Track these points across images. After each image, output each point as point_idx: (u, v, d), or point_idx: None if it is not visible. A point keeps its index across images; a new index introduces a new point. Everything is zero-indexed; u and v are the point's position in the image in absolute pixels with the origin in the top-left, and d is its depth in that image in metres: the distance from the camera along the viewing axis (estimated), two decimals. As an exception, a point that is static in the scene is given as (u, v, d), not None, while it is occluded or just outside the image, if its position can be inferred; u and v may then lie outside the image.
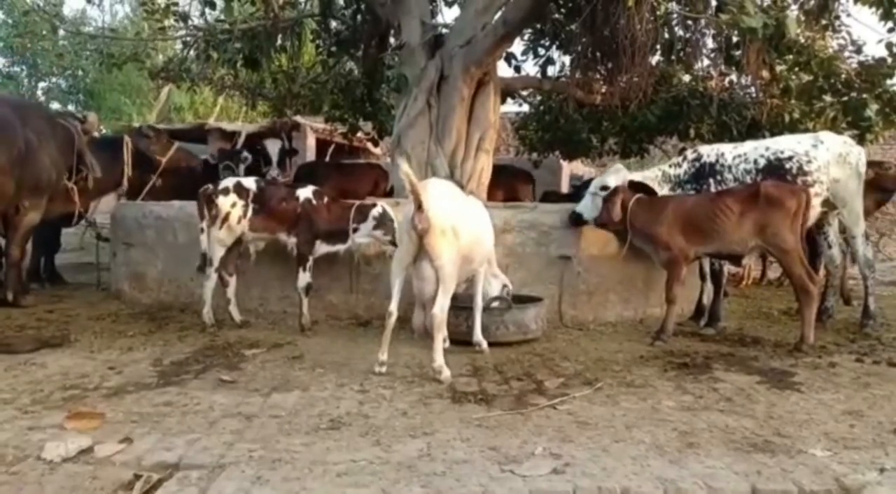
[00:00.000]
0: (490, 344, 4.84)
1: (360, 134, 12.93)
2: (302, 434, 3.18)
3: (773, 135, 10.87)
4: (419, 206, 3.98)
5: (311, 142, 17.69)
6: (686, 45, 9.26)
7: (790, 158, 5.51)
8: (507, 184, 11.55)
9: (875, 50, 9.41)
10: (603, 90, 9.44)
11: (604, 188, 5.59)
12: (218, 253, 5.39)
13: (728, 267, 5.98)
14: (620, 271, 5.98)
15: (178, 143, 8.29)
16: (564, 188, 17.94)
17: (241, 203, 5.35)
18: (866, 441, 3.08)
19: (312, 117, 16.28)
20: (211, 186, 5.43)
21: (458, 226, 4.13)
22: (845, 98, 9.75)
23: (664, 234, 5.07)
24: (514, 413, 3.45)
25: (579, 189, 13.26)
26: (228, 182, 5.45)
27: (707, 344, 5.22)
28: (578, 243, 5.86)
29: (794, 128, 10.63)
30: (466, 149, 8.56)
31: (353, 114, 11.76)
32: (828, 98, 10.03)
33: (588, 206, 5.67)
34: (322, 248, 5.41)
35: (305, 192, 5.43)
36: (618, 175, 5.67)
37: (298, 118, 16.14)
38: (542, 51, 10.46)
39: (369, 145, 17.32)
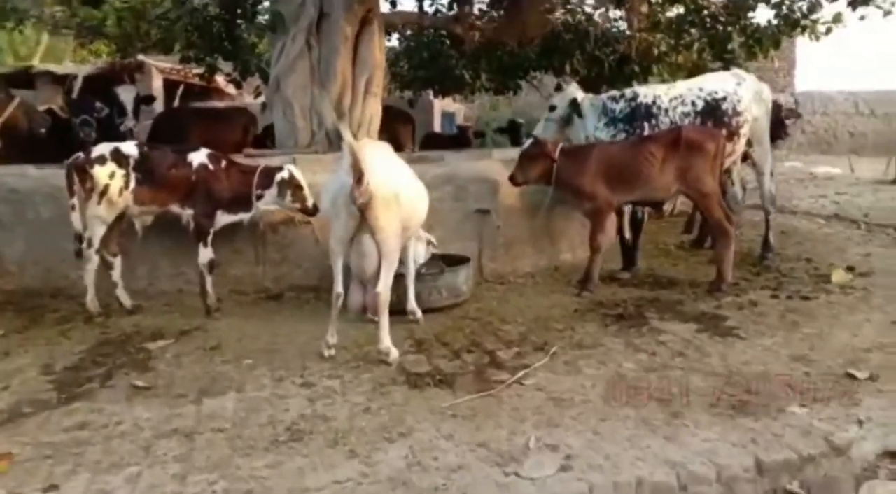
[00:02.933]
0: (423, 311, 4.58)
1: (218, 75, 11.87)
2: (261, 450, 2.80)
3: (642, 68, 11.14)
4: (359, 178, 3.57)
5: (157, 84, 16.08)
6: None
7: (724, 99, 5.53)
8: (387, 127, 11.05)
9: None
10: (484, 26, 9.16)
11: (551, 108, 5.46)
12: (98, 232, 4.66)
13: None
14: (533, 221, 5.86)
15: (19, 96, 7.13)
16: (437, 126, 17.69)
17: (121, 173, 4.62)
18: (830, 390, 3.16)
19: (157, 56, 14.78)
20: (82, 155, 4.65)
21: (399, 194, 3.77)
22: (712, 31, 10.11)
23: (588, 185, 4.97)
24: (483, 396, 3.25)
25: (464, 131, 13.05)
26: (103, 148, 4.68)
27: (628, 290, 5.26)
28: (496, 196, 5.66)
29: (661, 60, 10.94)
30: (354, 93, 8.02)
31: (211, 53, 10.67)
32: (695, 31, 10.36)
33: (540, 131, 5.53)
34: (223, 219, 4.82)
35: (199, 156, 4.78)
36: (564, 95, 5.53)
37: (141, 57, 14.60)
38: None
39: (224, 85, 16.04)
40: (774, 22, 9.66)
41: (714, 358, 3.66)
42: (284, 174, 4.75)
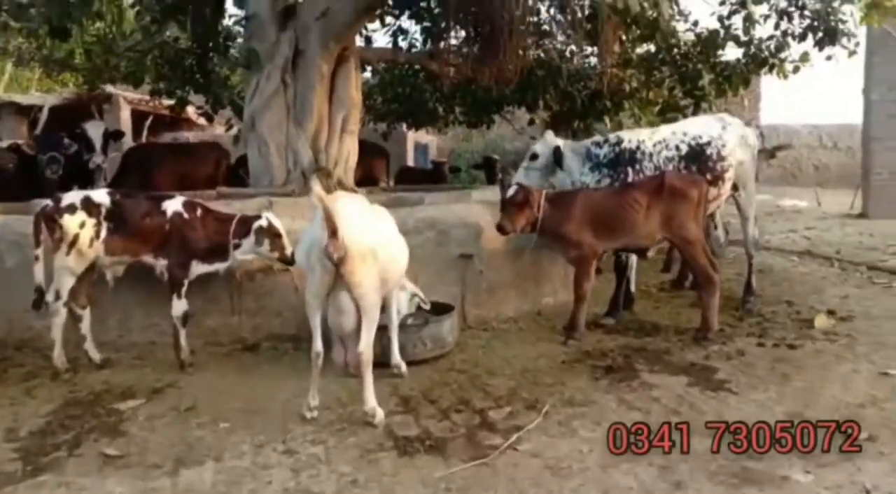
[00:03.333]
0: (407, 364, 4.44)
1: (189, 108, 11.72)
2: (244, 533, 2.62)
3: (614, 104, 11.26)
4: (333, 232, 3.44)
5: (125, 114, 15.89)
6: (553, 24, 9.18)
7: (709, 144, 5.53)
8: (362, 161, 11.03)
9: (709, 22, 9.91)
10: (460, 63, 9.18)
11: (533, 157, 5.39)
12: (66, 283, 4.45)
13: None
14: (516, 265, 5.78)
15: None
16: (410, 158, 17.66)
17: (91, 222, 4.43)
18: (831, 454, 3.09)
19: (125, 87, 14.55)
20: (51, 203, 4.45)
21: (376, 248, 3.65)
22: (682, 69, 10.28)
23: (574, 232, 4.91)
24: (477, 465, 3.11)
25: (439, 167, 12.99)
26: (73, 196, 4.49)
27: (613, 337, 5.19)
28: (479, 240, 5.57)
29: (632, 96, 11.08)
30: (330, 131, 7.94)
31: (182, 86, 10.50)
32: (666, 69, 10.52)
33: (521, 179, 5.46)
34: (198, 269, 4.65)
35: (174, 205, 4.62)
36: (545, 144, 5.47)
37: (110, 88, 14.37)
38: (391, 20, 9.98)
39: (194, 116, 15.83)
40: (743, 60, 9.87)
41: (709, 415, 3.58)
42: (262, 222, 4.60)
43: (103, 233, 4.45)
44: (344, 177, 8.01)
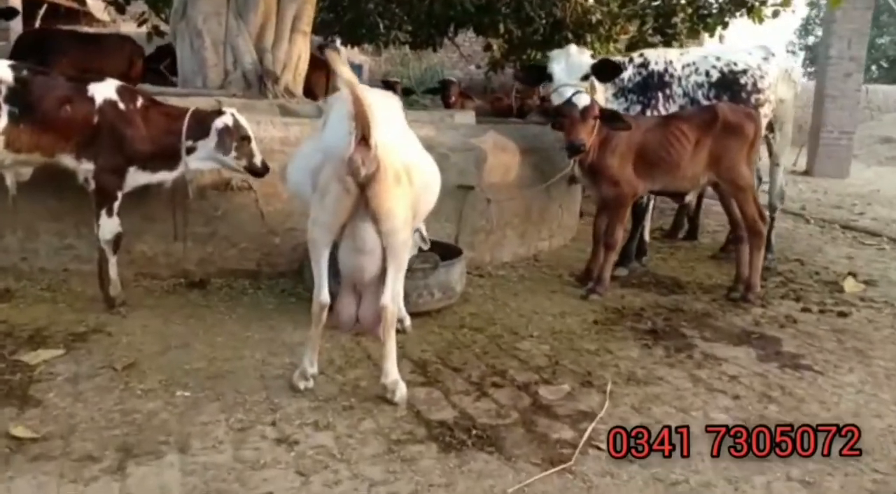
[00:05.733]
0: (411, 315, 3.53)
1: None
2: None
3: (576, 36, 10.40)
4: (364, 138, 2.43)
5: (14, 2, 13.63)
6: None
7: (744, 72, 4.76)
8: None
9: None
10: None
11: (585, 76, 4.38)
12: (-52, 186, 3.23)
13: None
14: (518, 202, 4.91)
15: None
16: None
17: (-14, 104, 3.19)
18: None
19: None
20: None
21: (412, 167, 2.67)
22: (657, 2, 9.54)
23: (616, 167, 4.04)
24: (558, 472, 2.27)
25: (391, 87, 11.75)
26: (-41, 66, 3.22)
27: (636, 292, 4.44)
28: (481, 169, 4.62)
29: (595, 30, 10.20)
30: (278, 27, 6.65)
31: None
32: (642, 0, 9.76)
33: None
34: (137, 178, 3.51)
35: (106, 90, 3.41)
36: (587, 56, 4.50)
37: (-3, -33, 12.19)
38: None
39: (97, 10, 13.87)
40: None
41: (812, 405, 2.89)
42: (227, 119, 3.50)
43: (3, 120, 3.21)
44: (292, 84, 6.81)
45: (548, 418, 2.66)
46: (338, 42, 12.27)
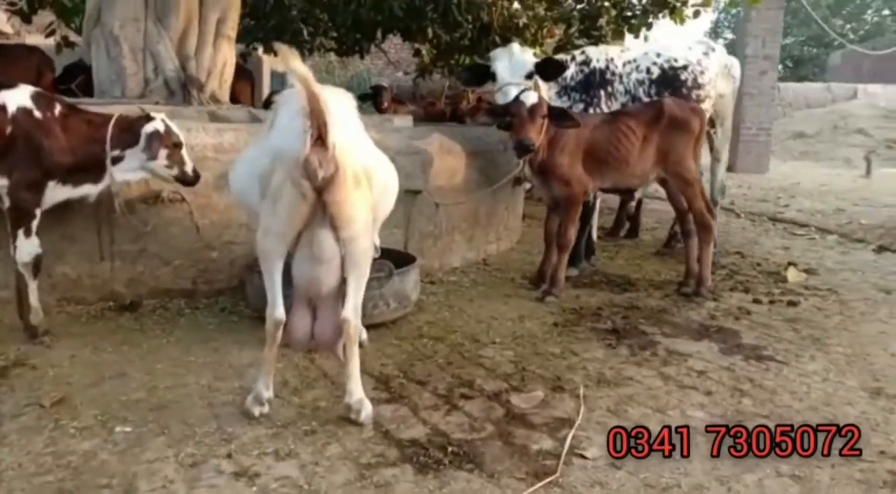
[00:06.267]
0: (366, 328, 3.34)
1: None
2: None
3: (503, 40, 10.43)
4: (320, 137, 2.24)
5: None
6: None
7: (685, 68, 4.76)
8: (227, 85, 9.28)
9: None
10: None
11: (529, 75, 4.24)
12: None
13: None
14: (466, 206, 4.77)
15: None
16: (266, 86, 15.73)
17: None
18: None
19: None
20: None
21: (371, 171, 2.49)
22: (583, 4, 9.64)
23: (566, 165, 3.96)
24: (545, 486, 2.13)
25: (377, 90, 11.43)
26: None
27: (591, 292, 4.38)
28: (428, 172, 4.47)
29: (522, 33, 10.25)
30: (201, 33, 6.33)
31: (-10, -30, 8.18)
32: (570, 1, 9.84)
33: None
34: (58, 193, 3.19)
35: (18, 97, 3.08)
36: (530, 54, 4.38)
37: None
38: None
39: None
40: (646, 0, 9.40)
41: (784, 396, 2.85)
42: (157, 125, 3.23)
43: None
44: (219, 92, 6.49)
45: (524, 428, 2.52)
46: (260, 50, 11.90)
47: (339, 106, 2.48)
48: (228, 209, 3.87)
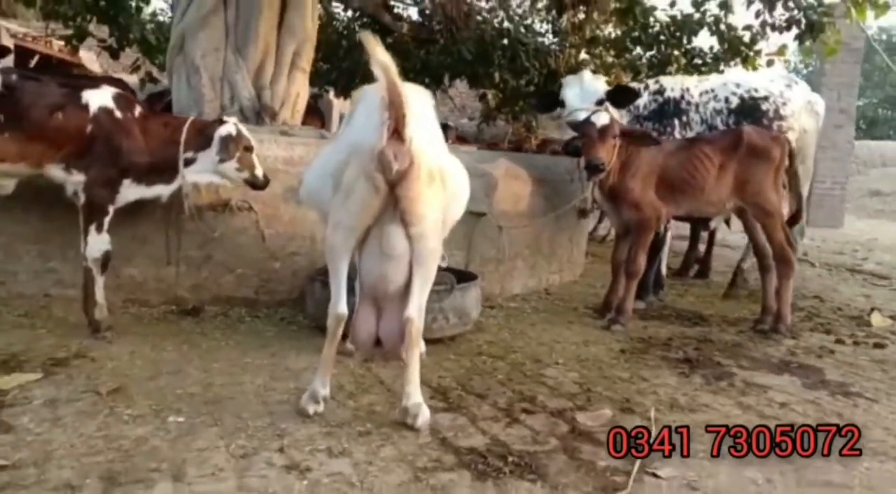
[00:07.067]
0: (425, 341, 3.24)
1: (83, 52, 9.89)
2: None
3: (571, 85, 10.38)
4: (397, 131, 2.20)
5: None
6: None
7: (765, 99, 4.64)
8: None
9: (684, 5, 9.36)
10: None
11: (599, 101, 4.22)
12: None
13: None
14: (528, 232, 4.68)
15: None
16: (334, 128, 16.10)
17: (-33, 108, 2.95)
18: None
19: (9, 19, 12.48)
20: None
21: (446, 170, 2.44)
22: (654, 51, 9.57)
23: (638, 190, 3.84)
24: (614, 501, 1.97)
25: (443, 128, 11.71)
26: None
27: (661, 325, 4.19)
28: (492, 195, 4.41)
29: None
30: (277, 64, 6.49)
31: (84, 12, 8.63)
32: (639, 50, 9.80)
33: None
34: (132, 192, 3.25)
35: (101, 97, 3.17)
36: (601, 82, 4.34)
37: (-7, 18, 12.19)
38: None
39: (88, 60, 13.84)
40: (717, 49, 9.27)
41: (876, 431, 2.61)
42: (230, 129, 3.28)
43: (-14, 127, 2.96)
44: (291, 121, 6.63)
45: (591, 444, 2.36)
46: (331, 93, 12.23)
47: (419, 102, 2.45)
48: (294, 221, 3.89)
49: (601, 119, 3.78)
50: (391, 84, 2.12)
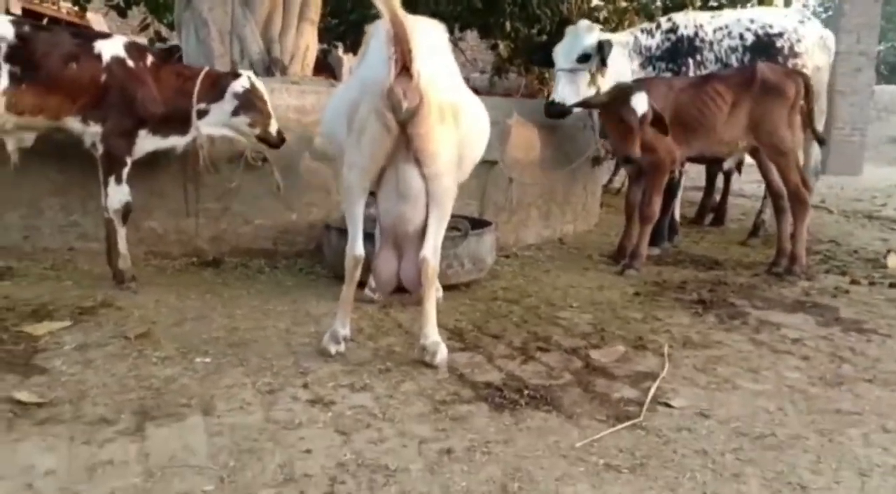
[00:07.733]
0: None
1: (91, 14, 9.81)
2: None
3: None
4: (405, 67, 2.21)
5: (14, 13, 13.52)
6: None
7: (780, 35, 4.56)
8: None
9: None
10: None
11: (583, 57, 4.17)
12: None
13: None
14: (542, 181, 4.68)
15: None
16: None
17: (-15, 63, 2.98)
18: None
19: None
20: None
21: (459, 106, 2.44)
22: (670, -5, 9.34)
23: (649, 132, 3.82)
24: (628, 428, 2.03)
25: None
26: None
27: (674, 269, 4.21)
28: (505, 144, 4.41)
29: (603, 26, 10.03)
30: (286, 16, 6.42)
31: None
32: (654, -7, 9.56)
33: (567, 90, 4.24)
34: (147, 143, 3.29)
35: (113, 47, 3.19)
36: (591, 35, 4.26)
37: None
38: None
39: (96, 22, 13.74)
40: (736, -10, 9.04)
41: (889, 363, 2.65)
42: (244, 82, 3.29)
43: (4, 81, 2.99)
44: (301, 74, 6.59)
45: (605, 378, 2.42)
46: (340, 48, 12.10)
47: (429, 36, 2.43)
48: (308, 171, 3.92)
49: (640, 104, 3.62)
50: (393, 16, 2.11)
